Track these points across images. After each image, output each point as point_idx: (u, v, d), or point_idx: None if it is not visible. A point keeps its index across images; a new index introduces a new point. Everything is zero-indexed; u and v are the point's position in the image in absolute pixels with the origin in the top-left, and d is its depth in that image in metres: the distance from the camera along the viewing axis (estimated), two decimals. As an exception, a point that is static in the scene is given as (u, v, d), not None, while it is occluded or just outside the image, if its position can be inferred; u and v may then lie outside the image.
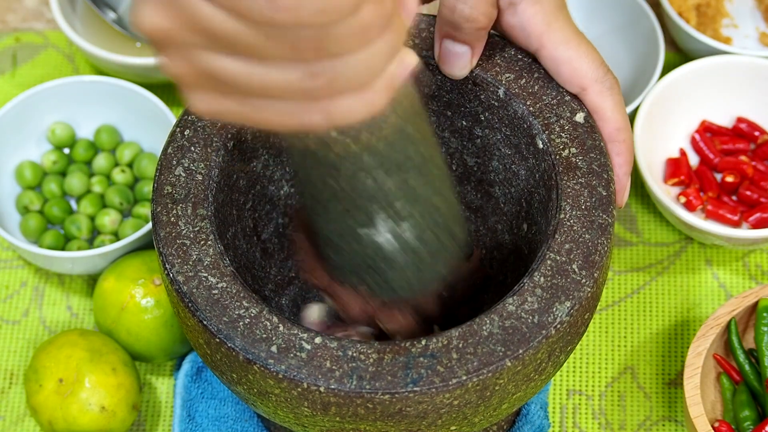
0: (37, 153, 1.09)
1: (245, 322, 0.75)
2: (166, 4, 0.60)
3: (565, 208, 0.79)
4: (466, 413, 0.75)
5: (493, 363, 0.73)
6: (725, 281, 1.05)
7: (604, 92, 0.81)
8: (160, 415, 1.00)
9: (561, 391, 1.00)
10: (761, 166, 1.06)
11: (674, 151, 1.08)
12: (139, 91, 1.06)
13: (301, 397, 0.74)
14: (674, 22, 1.11)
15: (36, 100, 1.07)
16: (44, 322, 1.04)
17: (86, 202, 1.05)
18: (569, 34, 0.80)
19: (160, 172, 0.80)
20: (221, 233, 0.79)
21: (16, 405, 1.00)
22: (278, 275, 0.90)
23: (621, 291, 1.04)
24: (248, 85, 0.62)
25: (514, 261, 0.88)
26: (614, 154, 0.81)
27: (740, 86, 1.08)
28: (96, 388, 0.94)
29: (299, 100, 0.62)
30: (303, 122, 0.63)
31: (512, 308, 0.75)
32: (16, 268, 1.06)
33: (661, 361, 1.01)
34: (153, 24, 0.61)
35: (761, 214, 1.04)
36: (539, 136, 0.82)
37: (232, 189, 0.83)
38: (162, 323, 0.97)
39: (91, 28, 1.14)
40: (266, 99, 0.62)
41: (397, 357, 0.73)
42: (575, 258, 0.77)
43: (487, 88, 0.84)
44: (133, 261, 0.98)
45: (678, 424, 0.98)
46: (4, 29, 1.19)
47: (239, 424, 0.96)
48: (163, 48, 0.62)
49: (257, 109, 0.63)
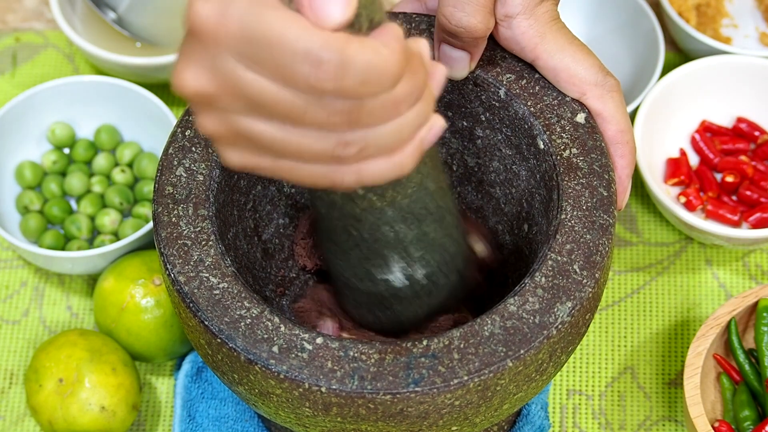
0: (37, 153, 1.08)
1: (246, 323, 0.75)
2: (210, 69, 0.61)
3: (566, 209, 0.79)
4: (467, 413, 0.75)
5: (495, 363, 0.73)
6: (725, 281, 1.05)
7: (604, 95, 0.81)
8: (160, 415, 1.00)
9: (561, 391, 1.00)
10: (761, 166, 1.07)
11: (674, 151, 1.08)
12: (139, 91, 1.06)
13: (302, 398, 0.74)
14: (674, 22, 1.11)
15: (36, 100, 1.07)
16: (44, 322, 1.04)
17: (86, 202, 1.05)
18: (564, 42, 0.81)
19: (161, 173, 0.80)
20: (222, 234, 0.79)
21: (16, 405, 1.00)
22: (279, 275, 0.90)
23: (621, 291, 1.04)
24: (282, 148, 0.63)
25: (514, 261, 0.88)
26: (617, 156, 0.81)
27: (740, 86, 1.09)
28: (96, 388, 0.94)
29: (330, 163, 0.63)
30: (334, 182, 0.64)
31: (513, 308, 0.75)
32: (16, 268, 1.06)
33: (661, 361, 1.01)
34: (194, 86, 0.62)
35: (761, 214, 1.04)
36: (540, 137, 0.82)
37: (233, 189, 0.83)
38: (162, 323, 0.97)
39: (91, 28, 1.14)
40: (299, 160, 0.63)
41: (399, 357, 0.73)
42: (576, 258, 0.77)
43: (488, 89, 0.84)
44: (133, 261, 0.98)
45: (678, 424, 0.98)
46: (4, 29, 1.19)
47: (240, 424, 0.96)
48: (201, 109, 0.63)
49: (290, 169, 0.64)
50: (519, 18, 0.80)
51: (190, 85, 0.62)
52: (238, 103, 0.62)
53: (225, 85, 0.61)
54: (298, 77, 0.59)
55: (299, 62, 0.59)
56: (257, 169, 0.65)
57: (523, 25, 0.80)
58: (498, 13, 0.80)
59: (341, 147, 0.62)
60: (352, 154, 0.63)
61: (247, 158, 0.64)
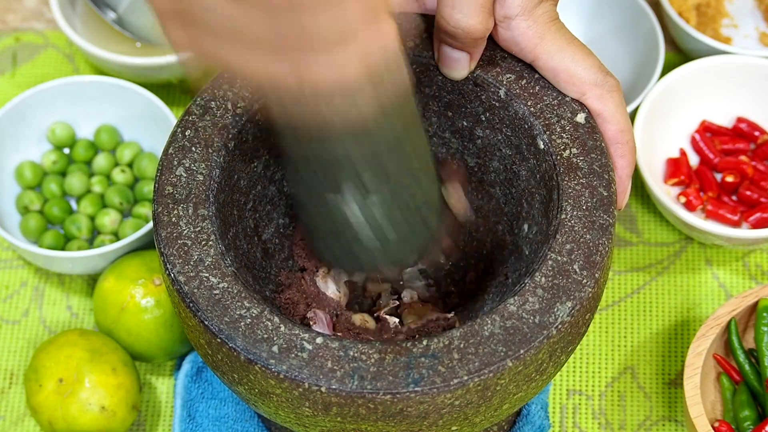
0: (37, 153, 1.08)
1: (246, 323, 0.75)
2: None
3: (566, 209, 0.79)
4: (467, 413, 0.75)
5: (495, 363, 0.73)
6: (725, 281, 1.05)
7: (604, 95, 0.81)
8: (160, 415, 1.00)
9: (561, 391, 1.00)
10: (761, 166, 1.07)
11: (674, 151, 1.08)
12: (139, 91, 1.06)
13: (302, 398, 0.74)
14: (674, 22, 1.11)
15: (36, 100, 1.07)
16: (44, 322, 1.04)
17: (86, 202, 1.05)
18: (563, 43, 0.81)
19: (161, 173, 0.80)
20: (222, 233, 0.79)
21: (16, 405, 1.00)
22: (279, 275, 0.90)
23: (621, 291, 1.04)
24: (219, 24, 0.62)
25: (514, 261, 0.88)
26: (617, 156, 0.81)
27: (740, 86, 1.09)
28: (96, 388, 0.94)
29: (269, 50, 0.62)
30: (271, 72, 0.63)
31: (513, 308, 0.75)
32: (16, 268, 1.06)
33: (661, 361, 1.01)
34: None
35: (761, 214, 1.04)
36: (540, 137, 0.82)
37: (233, 189, 0.83)
38: (162, 323, 0.97)
39: (91, 28, 1.14)
40: (238, 42, 0.62)
41: (399, 357, 0.73)
42: (576, 258, 0.77)
43: (488, 89, 0.84)
44: (133, 261, 0.98)
45: (678, 424, 0.98)
46: (4, 29, 1.19)
47: (239, 424, 0.96)
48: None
49: (229, 52, 0.63)
50: (518, 19, 0.80)
51: None
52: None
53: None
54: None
55: None
56: (199, 52, 0.64)
57: (522, 26, 0.80)
58: (497, 14, 0.80)
59: (275, 26, 0.61)
60: (287, 36, 0.61)
61: (189, 38, 0.63)
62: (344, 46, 0.63)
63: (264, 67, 0.63)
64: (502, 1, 0.79)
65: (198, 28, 0.63)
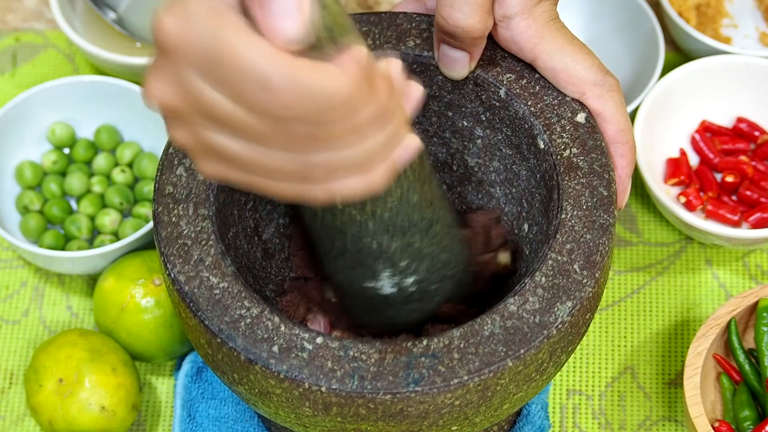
0: (37, 153, 1.08)
1: (247, 322, 0.75)
2: (176, 83, 0.61)
3: (566, 209, 0.79)
4: (467, 413, 0.75)
5: (495, 363, 0.73)
6: (725, 281, 1.05)
7: (604, 95, 0.81)
8: (160, 415, 1.00)
9: (561, 391, 1.00)
10: (761, 166, 1.07)
11: (674, 151, 1.08)
12: (139, 91, 1.06)
13: (302, 398, 0.74)
14: (674, 22, 1.11)
15: (36, 100, 1.07)
16: (44, 322, 1.04)
17: (86, 202, 1.05)
18: (563, 42, 0.81)
19: (161, 172, 0.80)
20: (222, 233, 0.79)
21: (16, 405, 1.00)
22: (279, 275, 0.90)
23: (621, 291, 1.04)
24: (249, 165, 0.63)
25: (515, 261, 0.88)
26: (617, 156, 0.81)
27: (740, 86, 1.09)
28: (96, 388, 0.94)
29: (298, 180, 0.63)
30: (306, 198, 0.65)
31: (513, 308, 0.75)
32: (16, 268, 1.06)
33: (661, 361, 1.01)
34: (161, 99, 0.63)
35: (761, 214, 1.04)
36: (540, 137, 0.82)
37: (234, 189, 0.83)
38: (162, 323, 0.97)
39: (91, 28, 1.14)
40: (269, 178, 0.64)
41: (399, 357, 0.73)
42: (576, 258, 0.77)
43: (488, 89, 0.84)
44: (133, 261, 0.98)
45: (678, 424, 0.98)
46: (4, 29, 1.19)
47: (240, 424, 0.96)
48: (171, 121, 0.64)
49: (261, 183, 0.64)
50: (517, 18, 0.80)
51: (157, 97, 0.62)
52: (203, 118, 0.62)
53: (190, 100, 0.61)
54: (251, 100, 0.59)
55: (251, 85, 0.59)
56: (231, 182, 0.65)
57: (522, 26, 0.80)
58: (496, 14, 0.80)
59: (305, 167, 0.62)
60: (319, 175, 0.63)
61: (220, 170, 0.64)
62: (372, 167, 0.64)
63: (294, 190, 0.64)
64: (501, 0, 0.79)
65: (228, 165, 0.64)
